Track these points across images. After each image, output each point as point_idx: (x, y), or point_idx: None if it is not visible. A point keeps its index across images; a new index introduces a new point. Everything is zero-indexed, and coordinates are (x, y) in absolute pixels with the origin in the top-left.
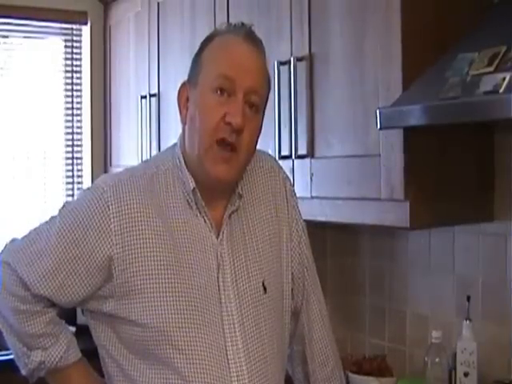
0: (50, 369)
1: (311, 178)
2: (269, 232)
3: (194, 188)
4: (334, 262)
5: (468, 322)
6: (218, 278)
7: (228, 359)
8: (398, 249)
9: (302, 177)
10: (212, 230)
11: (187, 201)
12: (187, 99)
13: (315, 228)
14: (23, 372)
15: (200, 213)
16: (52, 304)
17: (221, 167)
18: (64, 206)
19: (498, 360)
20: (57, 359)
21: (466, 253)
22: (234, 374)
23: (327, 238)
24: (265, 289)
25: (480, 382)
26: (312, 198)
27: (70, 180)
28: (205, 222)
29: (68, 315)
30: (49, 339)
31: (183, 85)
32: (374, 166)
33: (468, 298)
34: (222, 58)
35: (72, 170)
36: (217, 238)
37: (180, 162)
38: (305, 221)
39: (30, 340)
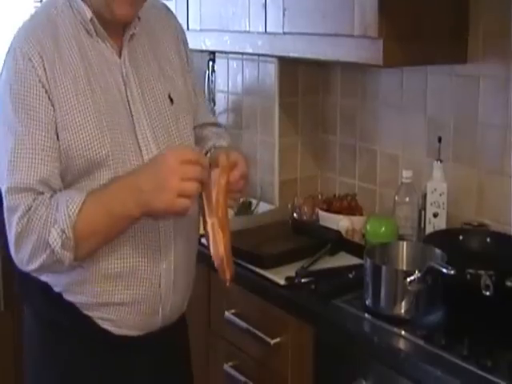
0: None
1: (284, 13)
2: (170, 55)
3: (91, 18)
4: (305, 99)
5: (439, 162)
6: (126, 94)
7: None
8: (371, 87)
9: (274, 12)
10: (114, 51)
11: (86, 30)
12: None
13: (287, 65)
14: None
15: (101, 39)
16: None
17: (126, 10)
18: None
19: (468, 202)
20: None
21: (438, 94)
22: None
23: (299, 75)
24: (171, 100)
25: (449, 222)
26: (284, 33)
27: None
28: (106, 46)
29: None
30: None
31: None
32: (348, 0)
33: (439, 139)
34: None
35: None
36: (119, 58)
37: None
38: (277, 57)
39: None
